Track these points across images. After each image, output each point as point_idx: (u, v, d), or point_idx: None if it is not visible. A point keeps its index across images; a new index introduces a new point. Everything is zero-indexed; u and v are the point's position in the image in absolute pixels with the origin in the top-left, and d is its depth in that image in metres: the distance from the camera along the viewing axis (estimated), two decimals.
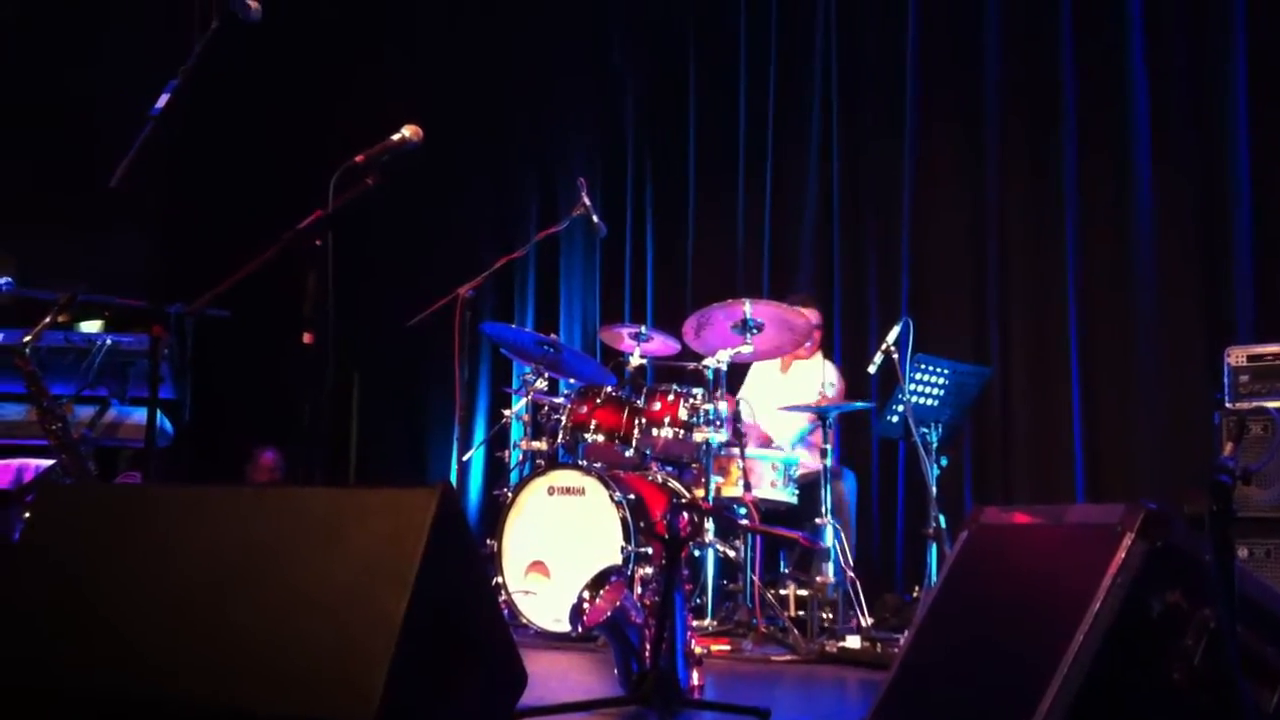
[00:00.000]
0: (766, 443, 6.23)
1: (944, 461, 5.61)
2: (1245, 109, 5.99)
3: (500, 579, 5.46)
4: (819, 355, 6.64)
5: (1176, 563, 2.30)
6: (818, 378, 6.42)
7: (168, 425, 6.27)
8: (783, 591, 5.59)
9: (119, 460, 6.15)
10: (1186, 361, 6.02)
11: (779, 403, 6.25)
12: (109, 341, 5.98)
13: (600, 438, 5.61)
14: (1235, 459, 2.23)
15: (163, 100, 3.28)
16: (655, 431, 5.59)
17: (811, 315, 6.20)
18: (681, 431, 5.56)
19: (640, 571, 5.15)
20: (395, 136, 3.57)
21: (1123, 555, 2.26)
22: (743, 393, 6.57)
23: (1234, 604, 2.17)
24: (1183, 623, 2.28)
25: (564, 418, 5.76)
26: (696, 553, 5.45)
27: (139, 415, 5.93)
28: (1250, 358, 4.85)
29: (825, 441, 5.72)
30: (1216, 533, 2.14)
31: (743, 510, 5.51)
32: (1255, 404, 4.70)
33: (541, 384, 6.10)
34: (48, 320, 5.00)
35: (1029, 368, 6.59)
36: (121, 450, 6.13)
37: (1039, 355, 6.56)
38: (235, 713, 2.30)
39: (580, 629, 3.48)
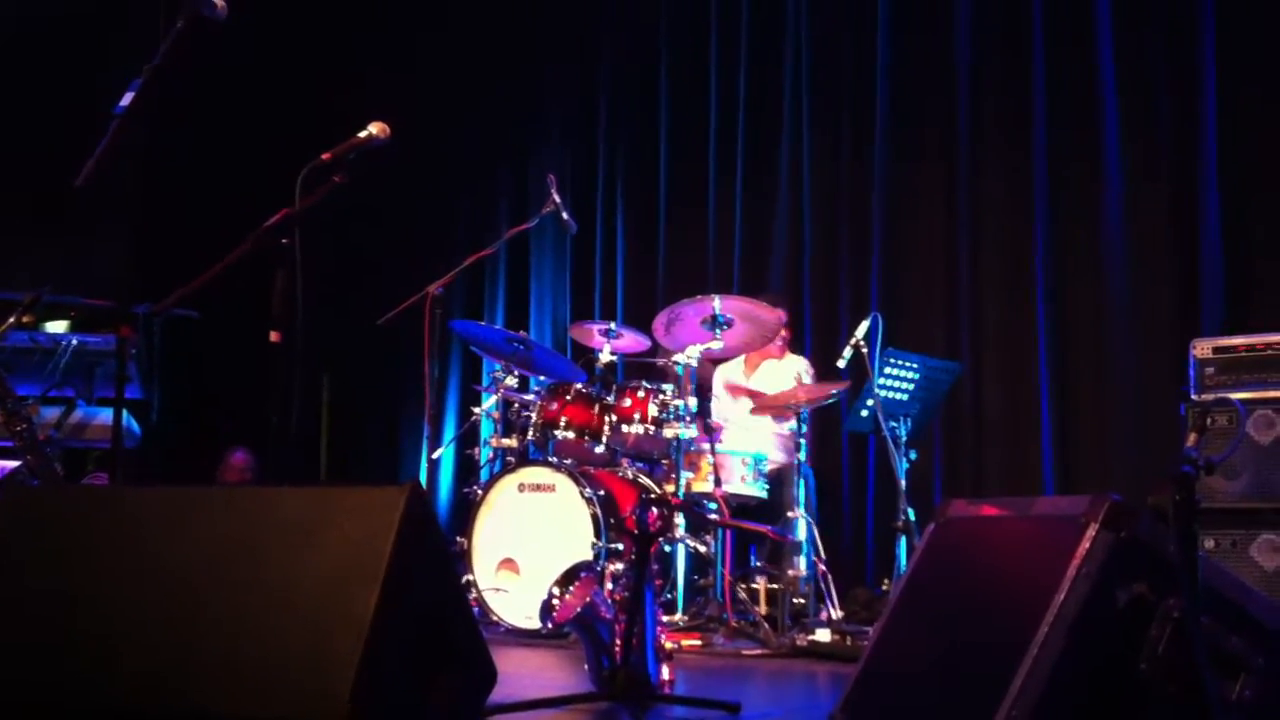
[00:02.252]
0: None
1: (913, 455, 5.64)
2: (1214, 104, 6.03)
3: (471, 576, 5.45)
4: (790, 354, 6.66)
5: (1141, 554, 2.32)
6: (789, 375, 6.44)
7: (135, 426, 6.24)
8: (753, 586, 5.60)
9: (86, 461, 6.12)
10: (1156, 355, 6.06)
11: (749, 402, 6.27)
12: (75, 342, 5.94)
13: (571, 434, 5.61)
14: (1199, 450, 2.25)
15: (127, 98, 3.26)
16: (626, 428, 5.59)
17: (780, 314, 6.21)
18: (652, 427, 5.57)
19: (611, 567, 5.15)
20: (361, 134, 3.55)
21: (1088, 546, 2.28)
22: (718, 379, 6.63)
23: (1198, 594, 2.19)
24: (1148, 613, 2.30)
25: (534, 415, 5.76)
26: (667, 548, 5.46)
27: (106, 416, 5.90)
28: (1216, 350, 4.89)
29: (800, 436, 5.74)
30: (1180, 523, 2.15)
31: (713, 505, 5.52)
32: (1220, 395, 4.74)
33: (512, 381, 6.09)
34: (12, 320, 4.96)
35: (999, 362, 6.62)
36: (88, 451, 6.10)
37: (1009, 349, 6.59)
38: (205, 715, 2.29)
39: (551, 625, 3.48)
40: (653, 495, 5.50)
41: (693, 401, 5.63)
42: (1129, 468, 6.03)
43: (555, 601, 3.42)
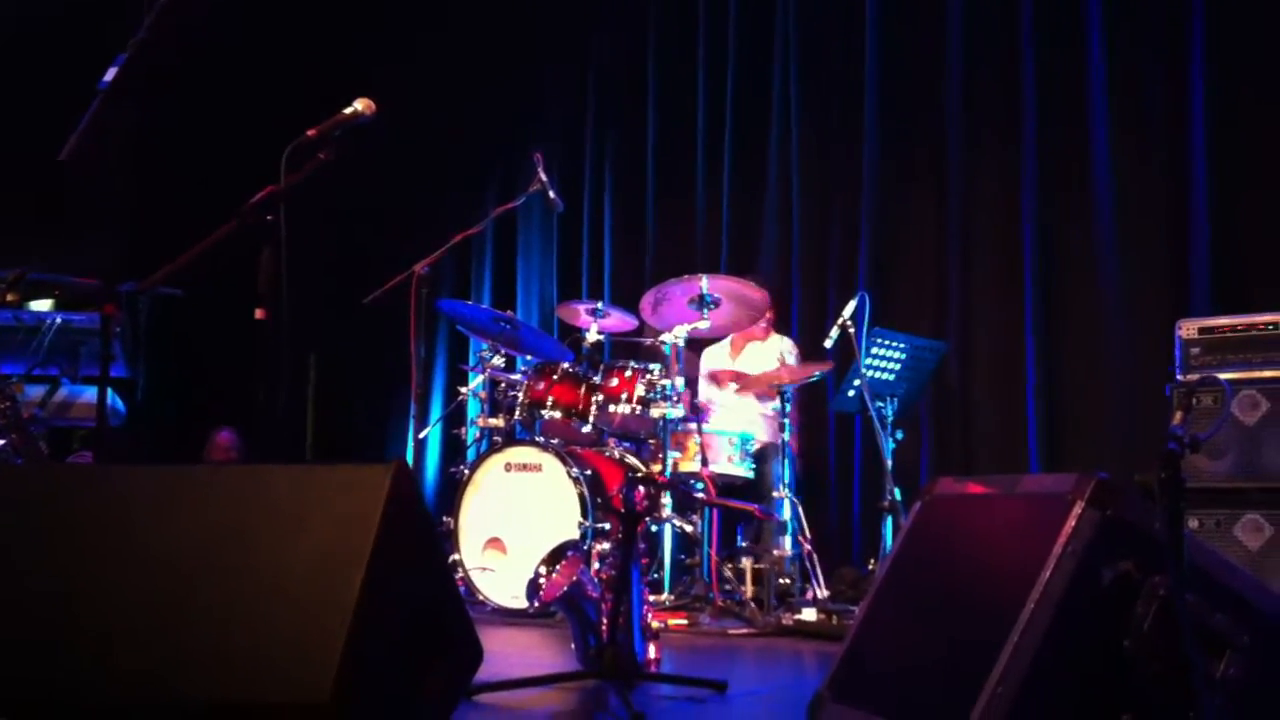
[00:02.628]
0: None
1: (899, 435, 5.65)
2: (1202, 84, 6.02)
3: (457, 556, 5.46)
4: (774, 334, 6.66)
5: (1127, 531, 2.32)
6: (774, 356, 6.43)
7: (120, 405, 6.22)
8: (739, 565, 5.61)
9: (71, 440, 6.10)
10: (1143, 335, 6.06)
11: (734, 387, 6.26)
12: (60, 320, 5.92)
13: (557, 414, 5.60)
14: (1184, 428, 2.25)
15: (111, 73, 3.24)
16: (612, 407, 5.59)
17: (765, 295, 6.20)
18: (639, 407, 5.57)
19: (597, 547, 5.16)
20: (347, 110, 3.52)
21: (1073, 524, 2.28)
22: (703, 365, 6.61)
23: (1183, 572, 2.19)
24: (1133, 591, 2.30)
25: (521, 394, 5.75)
26: (654, 528, 5.47)
27: (91, 394, 5.89)
28: (1201, 330, 4.89)
29: (784, 416, 5.74)
30: (1166, 501, 2.15)
31: (699, 485, 5.53)
32: (1206, 375, 4.75)
33: (499, 361, 6.08)
34: None
35: (987, 342, 6.62)
36: (74, 430, 6.08)
37: (997, 329, 6.59)
38: (190, 696, 2.28)
39: (537, 604, 3.48)
40: (639, 474, 5.50)
41: (680, 381, 5.62)
42: (1114, 446, 6.04)
43: (542, 581, 3.42)
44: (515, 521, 5.42)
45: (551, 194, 6.27)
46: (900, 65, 7.07)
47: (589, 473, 5.36)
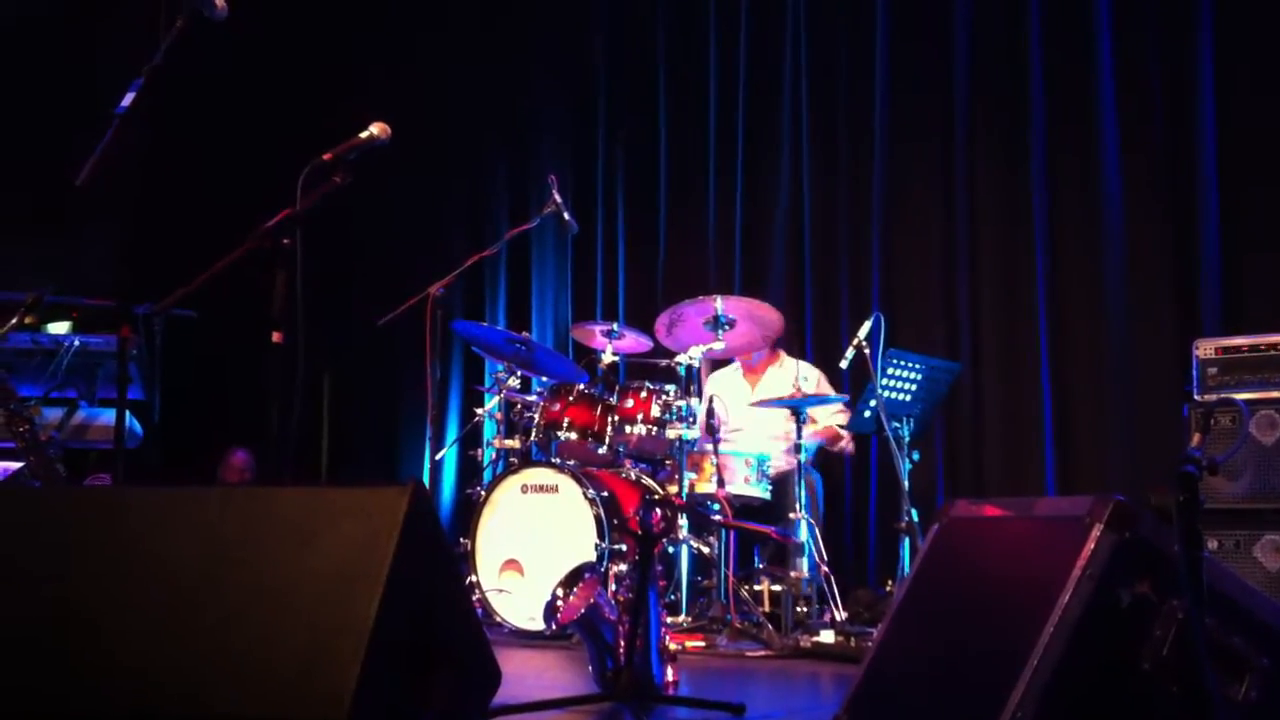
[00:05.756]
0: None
1: (916, 456, 5.62)
2: (1213, 102, 6.02)
3: (474, 577, 5.45)
4: (786, 357, 6.61)
5: (1145, 554, 2.31)
6: (790, 377, 6.41)
7: (137, 426, 6.24)
8: (756, 587, 5.59)
9: (88, 462, 6.11)
10: (1157, 354, 6.05)
11: (754, 410, 6.24)
12: (77, 342, 5.94)
13: (573, 435, 5.60)
14: (1202, 450, 2.24)
15: (128, 98, 3.26)
16: (628, 429, 5.58)
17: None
18: (654, 428, 5.56)
19: (614, 568, 5.15)
20: (363, 134, 3.55)
21: (1092, 547, 2.28)
22: (710, 390, 6.57)
23: (1202, 594, 2.18)
24: (1152, 613, 2.29)
25: (537, 415, 5.75)
26: (670, 549, 5.46)
27: (107, 416, 5.91)
28: (1219, 350, 4.88)
29: (799, 437, 5.73)
30: (1183, 523, 2.15)
31: (716, 506, 5.52)
32: (1223, 395, 4.73)
33: (514, 382, 6.08)
34: (14, 321, 4.96)
35: (1000, 362, 6.61)
36: (90, 452, 6.10)
37: (1010, 349, 6.58)
38: (205, 714, 2.28)
39: (554, 627, 3.48)
40: (656, 496, 5.49)
41: (695, 402, 5.62)
42: (1130, 468, 6.02)
43: (559, 603, 3.43)
44: (532, 543, 5.41)
45: (566, 216, 6.28)
46: (909, 84, 7.07)
47: (605, 494, 5.36)
